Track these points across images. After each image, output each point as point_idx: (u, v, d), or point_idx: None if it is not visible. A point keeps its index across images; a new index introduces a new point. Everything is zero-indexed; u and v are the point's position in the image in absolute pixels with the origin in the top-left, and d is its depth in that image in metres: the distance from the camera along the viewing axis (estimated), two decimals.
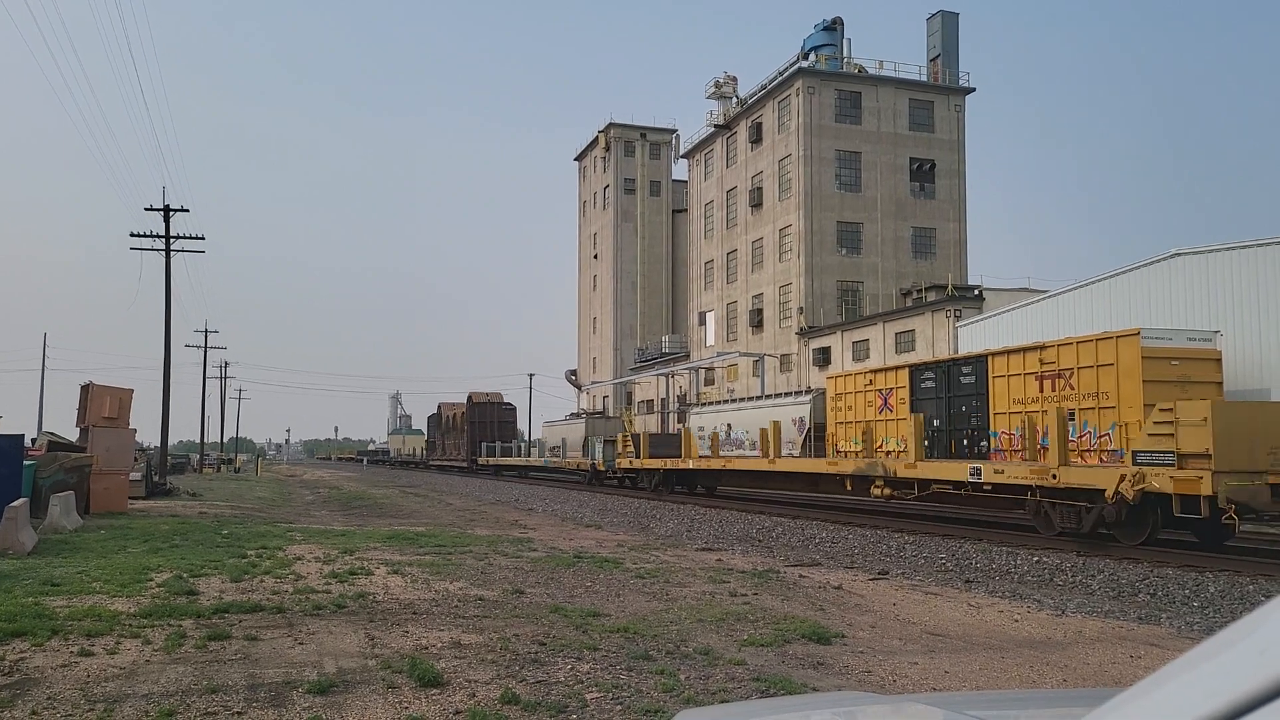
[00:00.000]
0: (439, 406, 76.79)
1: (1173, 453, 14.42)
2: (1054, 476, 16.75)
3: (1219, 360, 20.23)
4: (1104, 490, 15.55)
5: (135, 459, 28.10)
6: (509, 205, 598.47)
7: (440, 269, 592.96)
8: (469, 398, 66.77)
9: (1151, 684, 0.79)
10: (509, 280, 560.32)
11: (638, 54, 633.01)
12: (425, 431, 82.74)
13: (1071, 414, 19.93)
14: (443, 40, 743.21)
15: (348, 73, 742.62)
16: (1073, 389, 19.98)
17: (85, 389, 25.42)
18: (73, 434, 26.59)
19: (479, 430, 64.51)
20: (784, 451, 32.02)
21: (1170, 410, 14.63)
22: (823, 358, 56.04)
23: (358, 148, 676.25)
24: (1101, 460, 19.12)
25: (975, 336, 34.11)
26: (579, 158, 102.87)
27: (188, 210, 38.73)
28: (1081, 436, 19.72)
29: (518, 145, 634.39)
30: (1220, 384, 20.03)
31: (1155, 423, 14.84)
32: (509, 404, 68.01)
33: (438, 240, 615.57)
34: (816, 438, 32.82)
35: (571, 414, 73.26)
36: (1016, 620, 9.52)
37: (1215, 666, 0.73)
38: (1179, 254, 26.10)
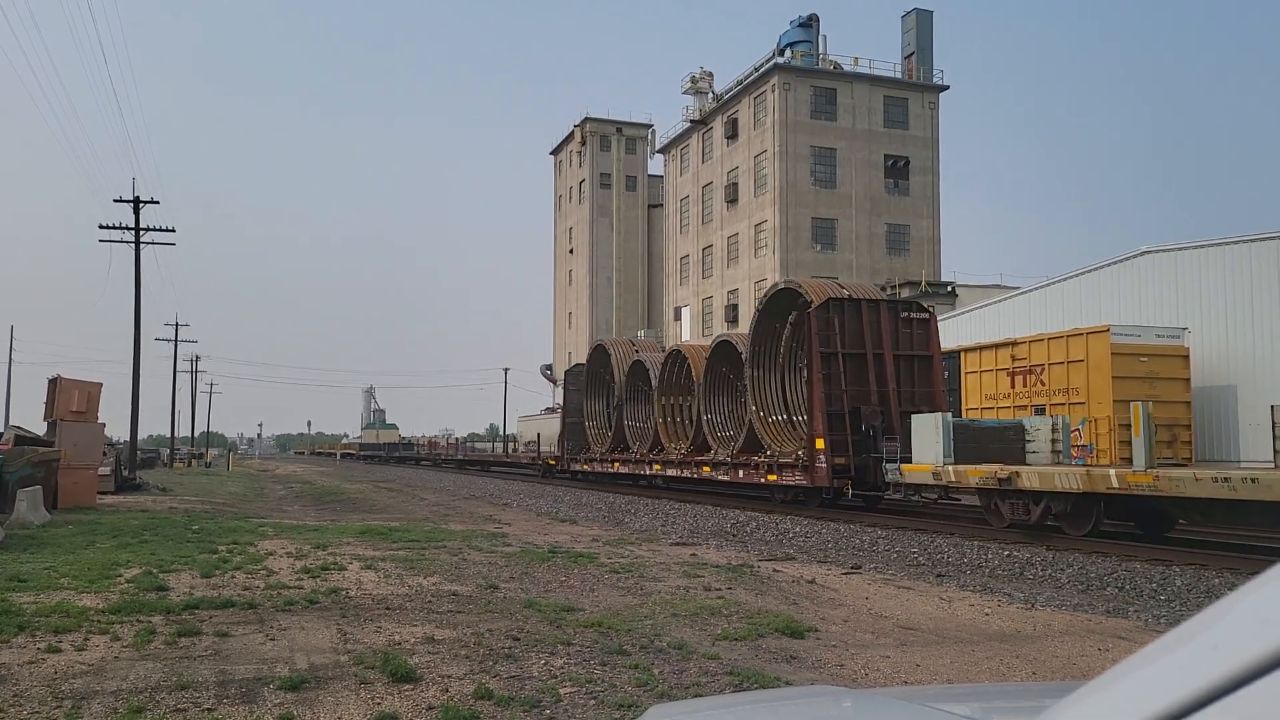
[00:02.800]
0: (598, 349, 38.29)
1: None
2: None
3: (1186, 356, 20.53)
4: None
5: (104, 453, 27.76)
6: (484, 199, 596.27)
7: (414, 263, 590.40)
8: (779, 288, 25.14)
9: (1111, 678, 0.80)
10: (483, 274, 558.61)
11: (614, 49, 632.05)
12: (562, 399, 43.27)
13: (1042, 409, 20.15)
14: (418, 32, 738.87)
15: (324, 66, 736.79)
16: (1043, 385, 20.21)
17: (53, 382, 25.10)
18: (40, 428, 26.22)
19: (853, 378, 21.65)
20: None
21: None
22: None
23: (331, 141, 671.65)
24: (1072, 456, 19.34)
25: (948, 333, 34.33)
26: (554, 152, 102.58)
27: (158, 202, 38.30)
28: None
29: (492, 138, 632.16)
30: (1188, 380, 20.34)
31: None
32: (920, 305, 23.61)
33: (411, 234, 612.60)
34: None
35: (547, 408, 73.17)
36: (987, 614, 9.60)
37: (1172, 662, 0.74)
38: (1148, 252, 26.40)
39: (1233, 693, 0.68)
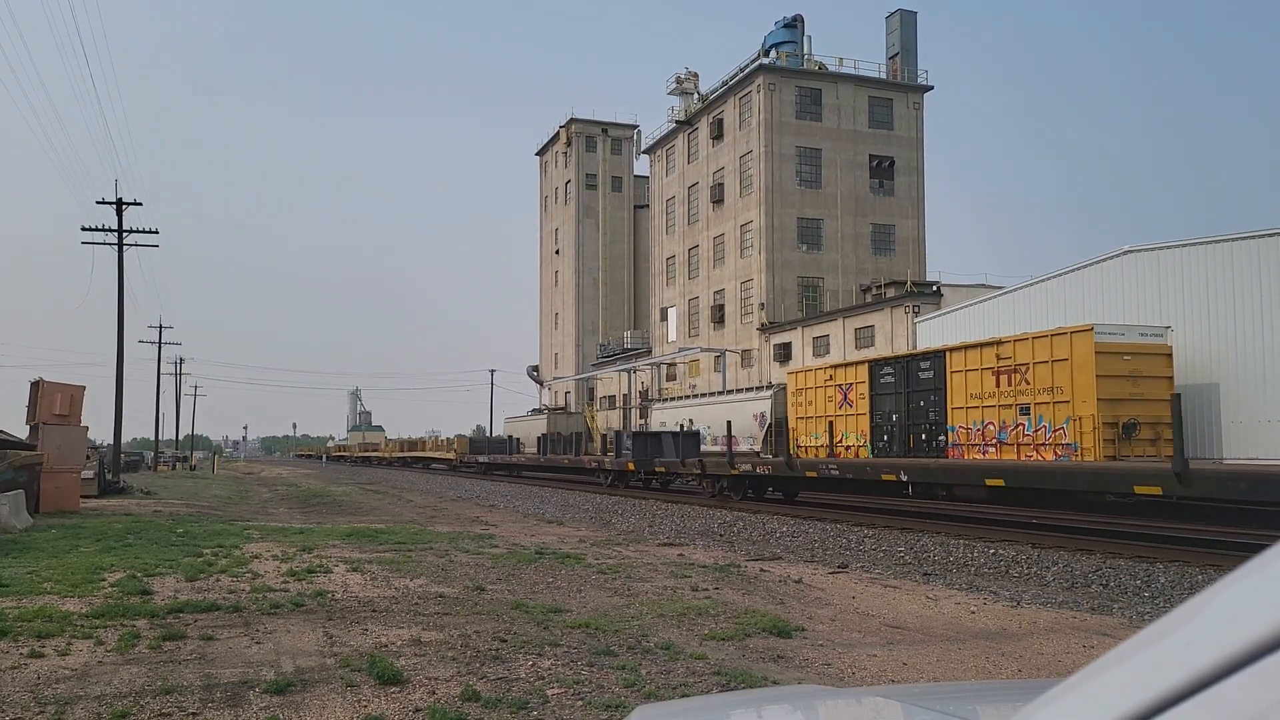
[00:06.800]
0: None
1: None
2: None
3: (1170, 355, 20.66)
4: None
5: (87, 457, 27.56)
6: (470, 200, 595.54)
7: (399, 264, 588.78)
8: None
9: (1087, 675, 0.81)
10: (469, 275, 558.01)
11: (599, 49, 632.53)
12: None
13: (1027, 408, 20.25)
14: (404, 34, 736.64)
15: (309, 67, 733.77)
16: (1028, 384, 20.29)
17: (35, 385, 24.90)
18: (22, 431, 26.01)
19: None
20: (744, 446, 32.22)
21: None
22: (784, 353, 56.37)
23: (315, 142, 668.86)
24: (1056, 455, 19.44)
25: (934, 332, 34.49)
26: (540, 153, 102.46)
27: (141, 204, 38.09)
28: (1037, 430, 20.03)
29: (479, 140, 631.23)
30: (1171, 378, 20.46)
31: None
32: None
33: (397, 235, 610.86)
34: (777, 433, 33.02)
35: (533, 410, 73.08)
36: (973, 612, 9.64)
37: (1147, 658, 0.74)
38: (1131, 251, 26.56)
39: (1207, 688, 0.68)
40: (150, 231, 38.07)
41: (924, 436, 22.93)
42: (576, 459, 40.29)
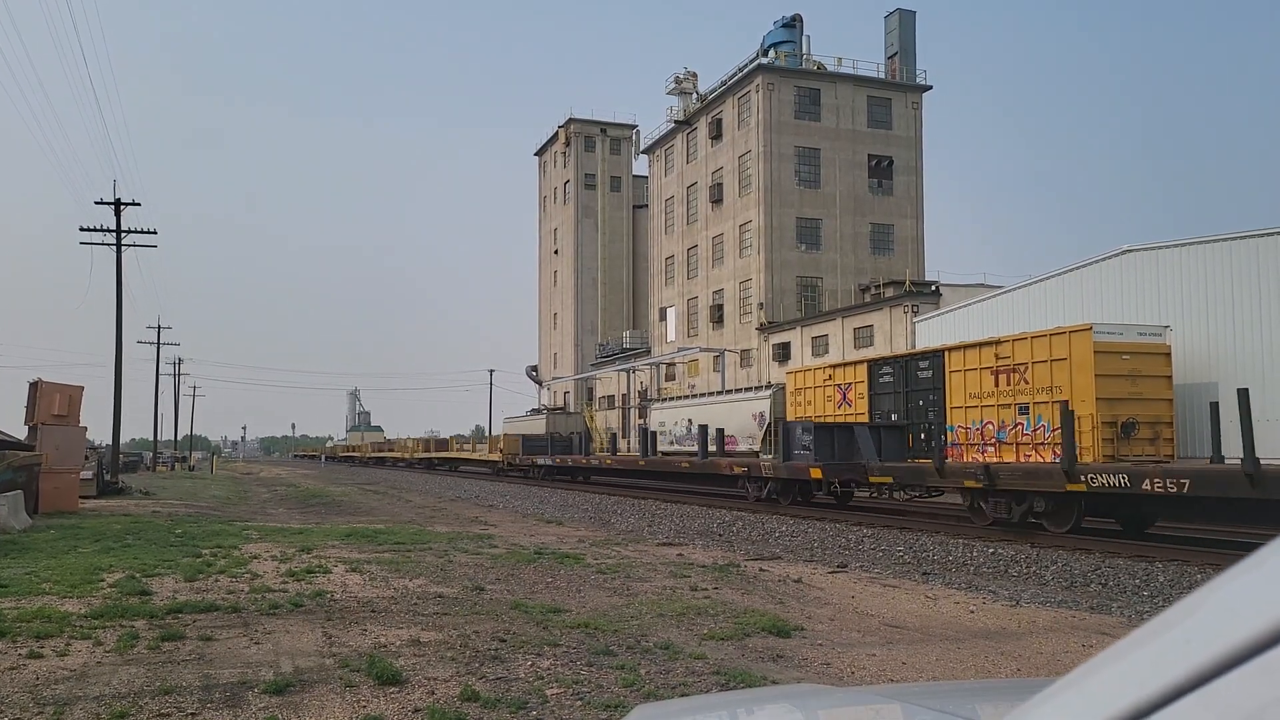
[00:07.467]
0: None
1: None
2: None
3: (1168, 355, 20.65)
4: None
5: (86, 457, 27.55)
6: (470, 200, 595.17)
7: (399, 264, 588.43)
8: None
9: (1085, 673, 0.81)
10: (469, 275, 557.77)
11: (598, 49, 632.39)
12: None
13: (1025, 408, 20.24)
14: (404, 34, 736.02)
15: (309, 67, 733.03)
16: (1027, 383, 20.29)
17: (34, 386, 24.88)
18: (21, 432, 26.00)
19: None
20: (743, 446, 32.18)
21: None
22: (783, 353, 56.36)
23: (316, 142, 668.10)
24: (1055, 454, 19.44)
25: (932, 332, 34.47)
26: (539, 153, 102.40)
27: (139, 204, 38.05)
28: (1035, 430, 20.03)
29: (477, 140, 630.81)
30: (1169, 378, 20.46)
31: None
32: None
33: (397, 235, 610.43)
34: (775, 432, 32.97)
35: (532, 410, 73.04)
36: (972, 611, 9.64)
37: (1144, 656, 0.74)
38: (1129, 250, 26.55)
39: (1204, 685, 0.68)
40: (149, 232, 38.06)
41: (923, 436, 22.93)
42: (704, 461, 29.35)
